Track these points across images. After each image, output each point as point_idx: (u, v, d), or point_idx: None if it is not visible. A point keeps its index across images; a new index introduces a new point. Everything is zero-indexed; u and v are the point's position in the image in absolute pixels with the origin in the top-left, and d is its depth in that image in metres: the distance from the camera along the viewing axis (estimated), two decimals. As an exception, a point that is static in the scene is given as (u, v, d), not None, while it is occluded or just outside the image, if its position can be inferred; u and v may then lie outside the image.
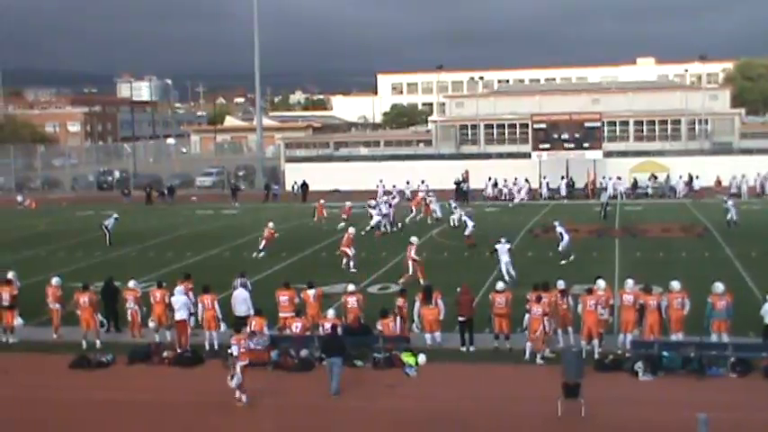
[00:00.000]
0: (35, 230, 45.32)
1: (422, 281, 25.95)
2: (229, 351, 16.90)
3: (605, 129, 67.12)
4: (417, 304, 20.46)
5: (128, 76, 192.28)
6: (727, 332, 18.81)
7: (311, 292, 21.26)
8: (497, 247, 28.10)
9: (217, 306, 20.70)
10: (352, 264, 30.20)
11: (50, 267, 31.31)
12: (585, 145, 58.22)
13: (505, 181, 57.22)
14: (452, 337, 20.21)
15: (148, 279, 27.64)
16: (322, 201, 43.78)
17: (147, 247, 37.84)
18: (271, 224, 33.71)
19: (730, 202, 40.11)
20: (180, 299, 20.51)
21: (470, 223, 35.39)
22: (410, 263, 27.87)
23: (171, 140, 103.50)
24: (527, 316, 19.25)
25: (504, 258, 27.57)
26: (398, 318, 20.00)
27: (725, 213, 39.61)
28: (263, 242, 32.95)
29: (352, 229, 32.37)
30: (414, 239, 29.06)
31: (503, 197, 56.37)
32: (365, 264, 30.85)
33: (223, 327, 20.75)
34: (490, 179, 57.63)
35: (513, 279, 26.60)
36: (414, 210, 42.72)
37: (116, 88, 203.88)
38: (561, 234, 31.55)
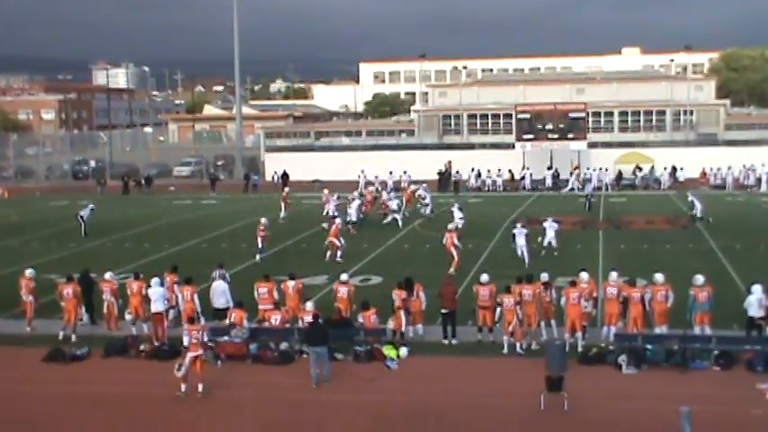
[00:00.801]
0: (8, 221, 44.94)
1: (451, 269, 27.36)
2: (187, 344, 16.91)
3: (590, 119, 67.44)
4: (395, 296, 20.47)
5: (104, 62, 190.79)
6: (709, 324, 18.96)
7: (291, 283, 21.21)
8: (514, 231, 29.82)
9: (196, 299, 20.64)
10: (339, 254, 30.16)
11: (24, 259, 31.08)
12: (570, 135, 58.44)
13: (488, 171, 57.38)
14: (435, 330, 20.25)
15: (125, 271, 27.48)
16: (286, 190, 43.50)
17: (123, 237, 37.64)
18: (264, 220, 32.01)
19: (694, 197, 40.15)
20: (157, 290, 20.42)
21: (458, 215, 35.36)
22: (453, 250, 28.31)
23: (148, 129, 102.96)
24: (499, 309, 19.39)
25: (521, 242, 29.08)
26: (403, 312, 19.96)
27: (689, 208, 39.73)
28: (260, 240, 31.16)
29: (338, 220, 32.42)
30: (452, 226, 29.78)
31: (486, 188, 56.60)
32: (346, 255, 30.81)
33: (202, 320, 20.68)
34: (473, 170, 57.77)
35: (527, 264, 27.89)
36: (404, 203, 42.36)
37: (92, 75, 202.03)
38: (545, 229, 31.77)
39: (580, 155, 58.60)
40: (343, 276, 21.27)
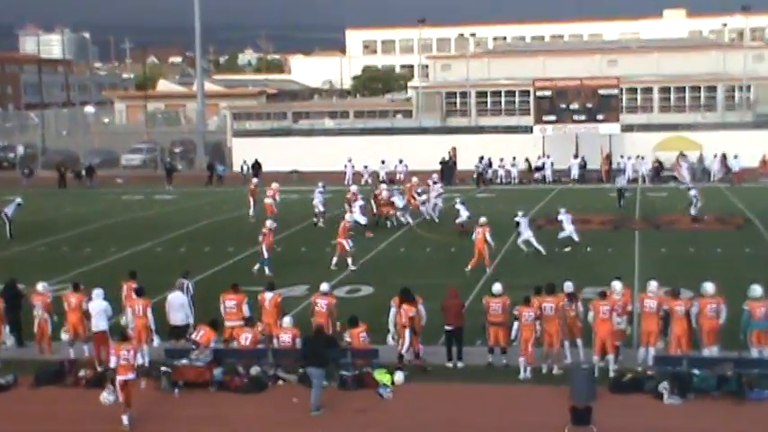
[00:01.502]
0: None
1: (488, 269, 28.75)
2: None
3: (624, 97, 67.70)
4: (393, 310, 20.45)
5: (34, 27, 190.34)
6: (769, 345, 19.00)
7: (269, 295, 21.19)
8: (519, 220, 31.45)
9: (150, 314, 20.58)
10: (350, 260, 30.28)
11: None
12: (599, 117, 58.65)
13: (501, 161, 57.52)
14: (437, 351, 20.26)
15: (61, 281, 27.44)
16: (254, 181, 43.20)
17: (59, 240, 37.59)
18: (270, 223, 30.96)
19: (693, 192, 40.25)
20: (100, 304, 20.35)
21: (464, 213, 35.87)
22: (485, 249, 29.20)
23: (89, 109, 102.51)
24: (516, 324, 19.44)
25: (527, 233, 30.78)
26: (408, 330, 19.91)
27: (690, 204, 40.03)
28: (264, 248, 29.99)
29: (349, 216, 32.43)
30: (483, 220, 30.20)
31: (498, 180, 56.74)
32: (327, 262, 30.85)
33: (156, 340, 20.62)
34: (482, 159, 57.90)
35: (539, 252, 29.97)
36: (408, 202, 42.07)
37: (18, 42, 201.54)
38: (563, 224, 33.13)
39: (612, 140, 58.78)
40: (324, 286, 21.25)
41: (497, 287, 20.19)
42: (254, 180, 43.90)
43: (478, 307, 21.22)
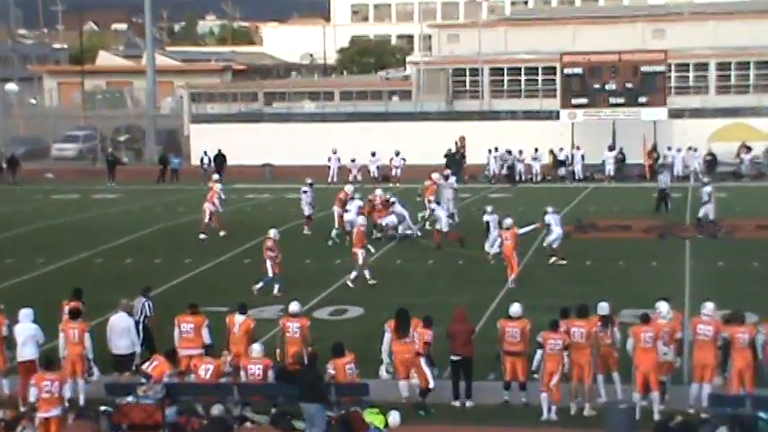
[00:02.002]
0: None
1: (510, 280, 29.61)
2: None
3: (672, 75, 67.77)
4: (387, 336, 20.45)
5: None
6: None
7: (240, 319, 21.21)
8: (547, 218, 32.71)
9: (87, 340, 20.53)
10: (368, 274, 30.41)
11: None
12: (642, 100, 58.73)
13: (520, 153, 57.62)
14: (441, 386, 20.26)
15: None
16: (215, 179, 42.59)
17: (-26, 249, 37.59)
18: (273, 232, 30.76)
19: (707, 189, 40.06)
20: (27, 328, 20.31)
21: (441, 214, 35.87)
22: (514, 257, 30.07)
23: (12, 86, 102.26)
24: (539, 352, 19.47)
25: (557, 231, 32.35)
26: (425, 360, 19.92)
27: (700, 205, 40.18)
28: (269, 264, 29.81)
29: (362, 219, 32.30)
30: (509, 221, 30.77)
31: (517, 177, 56.80)
32: (308, 276, 30.86)
33: (95, 372, 20.58)
34: (492, 151, 57.83)
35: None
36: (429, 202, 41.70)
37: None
38: (550, 226, 33.49)
39: (657, 128, 58.96)
40: (293, 306, 21.28)
41: (516, 308, 20.19)
42: (215, 177, 43.60)
43: (492, 332, 21.21)
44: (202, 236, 38.55)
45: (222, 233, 38.90)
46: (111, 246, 38.08)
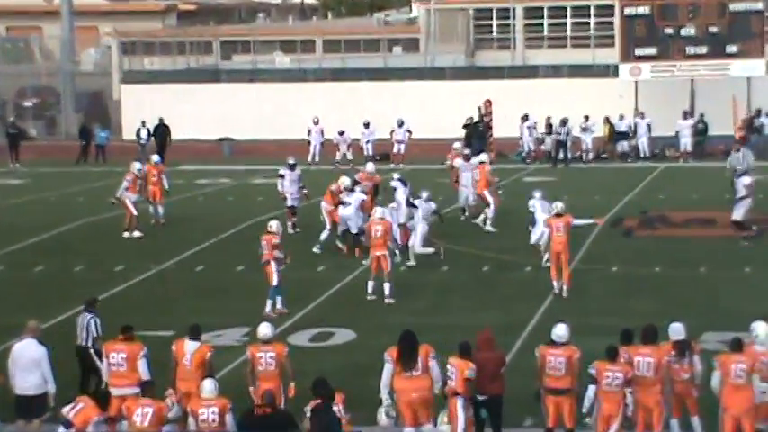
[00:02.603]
0: None
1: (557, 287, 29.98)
2: None
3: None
4: (389, 368, 20.34)
5: None
6: None
7: (192, 346, 21.09)
8: (531, 204, 33.91)
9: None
10: (388, 289, 30.40)
11: None
12: (731, 49, 58.60)
13: (564, 123, 57.42)
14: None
15: None
16: (136, 168, 42.10)
17: None
18: (274, 225, 30.41)
19: (746, 180, 39.35)
20: None
21: (422, 210, 35.18)
22: (566, 254, 30.25)
23: None
24: (591, 388, 19.41)
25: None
26: (462, 401, 19.80)
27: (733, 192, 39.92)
28: (274, 268, 29.66)
29: (384, 212, 31.93)
30: (560, 205, 30.93)
31: (560, 154, 56.77)
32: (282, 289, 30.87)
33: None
34: (526, 120, 57.87)
35: None
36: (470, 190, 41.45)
37: None
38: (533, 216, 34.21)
39: (752, 87, 58.98)
40: (264, 329, 21.07)
41: (561, 330, 20.05)
42: (155, 158, 43.44)
43: (528, 362, 21.18)
44: (128, 234, 38.79)
45: (137, 234, 38.96)
46: (12, 248, 38.05)
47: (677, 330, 20.13)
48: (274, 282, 29.43)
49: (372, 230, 30.85)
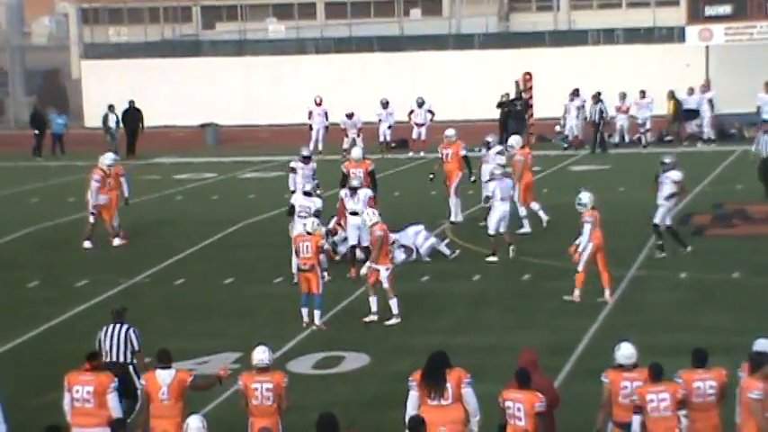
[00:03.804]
0: None
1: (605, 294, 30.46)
2: None
3: None
4: (414, 397, 20.36)
5: None
6: None
7: (165, 376, 21.13)
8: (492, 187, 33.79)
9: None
10: (393, 306, 30.33)
11: None
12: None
13: (623, 98, 57.42)
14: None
15: None
16: (106, 163, 41.52)
17: None
18: (313, 224, 30.59)
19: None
20: None
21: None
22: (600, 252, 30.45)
23: None
24: (636, 420, 19.33)
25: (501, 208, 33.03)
26: None
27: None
28: (319, 274, 30.00)
29: (370, 214, 31.87)
30: (587, 197, 31.08)
31: (617, 137, 56.84)
32: (281, 306, 31.03)
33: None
34: (573, 98, 57.71)
35: None
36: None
37: None
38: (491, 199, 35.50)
39: None
40: (260, 355, 21.08)
41: (628, 350, 19.92)
42: (109, 157, 42.21)
43: (578, 391, 21.18)
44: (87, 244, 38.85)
45: (117, 241, 38.99)
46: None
47: (763, 347, 20.10)
48: (319, 287, 29.60)
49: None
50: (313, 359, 27.29)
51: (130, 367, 22.59)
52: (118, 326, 23.26)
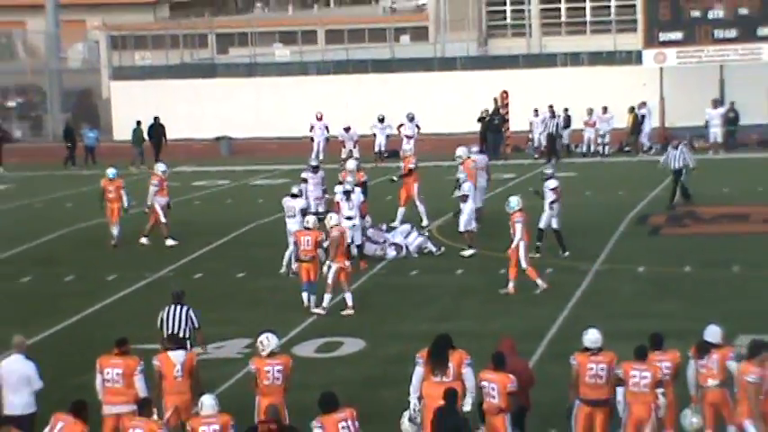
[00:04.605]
0: None
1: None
2: None
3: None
4: (419, 372, 20.27)
5: None
6: None
7: (180, 355, 21.07)
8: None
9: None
10: (348, 299, 30.29)
11: None
12: (763, 32, 58.45)
13: (590, 113, 57.38)
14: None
15: None
16: (161, 170, 41.04)
17: None
18: (312, 221, 30.88)
19: (676, 153, 41.85)
20: None
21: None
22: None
23: None
24: (619, 391, 19.40)
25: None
26: (508, 418, 19.67)
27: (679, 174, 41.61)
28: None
29: (334, 218, 31.77)
30: (515, 201, 30.86)
31: (584, 147, 57.03)
32: (286, 295, 30.96)
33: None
34: (537, 113, 57.53)
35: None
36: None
37: None
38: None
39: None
40: (267, 339, 21.02)
41: (594, 335, 19.86)
42: (111, 172, 40.15)
43: (549, 372, 21.14)
44: (146, 240, 38.77)
45: (171, 242, 38.73)
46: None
47: (713, 333, 20.07)
48: (316, 278, 30.02)
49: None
50: (315, 344, 27.29)
51: (188, 341, 22.76)
52: (178, 306, 23.57)
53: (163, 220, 38.88)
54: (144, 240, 38.74)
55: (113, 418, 20.53)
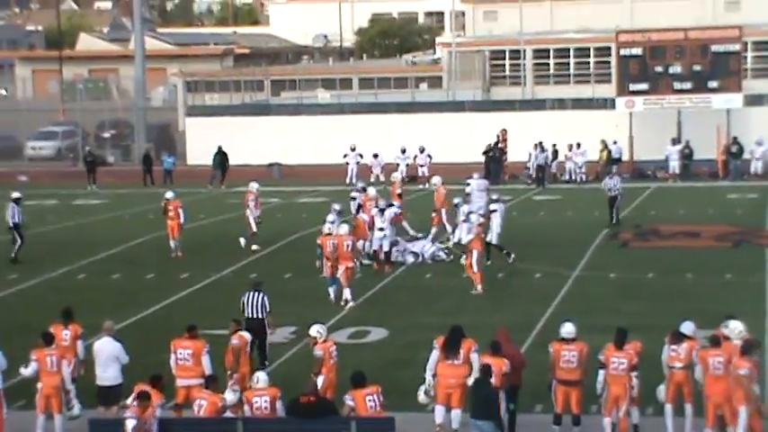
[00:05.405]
0: None
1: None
2: None
3: (749, 55, 67.37)
4: (435, 354, 20.35)
5: None
6: None
7: (249, 336, 21.51)
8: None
9: (65, 368, 20.55)
10: (347, 294, 30.46)
11: None
12: (713, 84, 58.41)
13: (573, 149, 57.45)
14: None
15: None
16: (255, 187, 40.81)
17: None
18: (344, 229, 31.47)
19: (612, 182, 42.31)
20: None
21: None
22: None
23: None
24: (600, 373, 19.44)
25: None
26: (502, 395, 19.76)
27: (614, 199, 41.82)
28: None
29: (343, 228, 31.83)
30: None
31: (567, 176, 57.06)
32: (323, 293, 31.01)
33: (77, 407, 20.58)
34: (537, 147, 57.55)
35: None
36: (443, 215, 40.02)
37: None
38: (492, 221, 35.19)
39: (731, 117, 58.84)
40: (316, 329, 21.13)
41: (570, 327, 20.02)
42: (170, 194, 40.34)
43: (538, 357, 21.24)
44: (255, 246, 38.74)
45: (255, 246, 38.82)
46: (93, 259, 38.18)
47: (687, 327, 20.24)
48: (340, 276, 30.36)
49: (344, 245, 30.74)
50: (347, 332, 27.33)
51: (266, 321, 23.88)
52: (255, 293, 24.27)
53: (254, 229, 39.14)
54: (255, 247, 38.72)
55: (184, 390, 20.71)
